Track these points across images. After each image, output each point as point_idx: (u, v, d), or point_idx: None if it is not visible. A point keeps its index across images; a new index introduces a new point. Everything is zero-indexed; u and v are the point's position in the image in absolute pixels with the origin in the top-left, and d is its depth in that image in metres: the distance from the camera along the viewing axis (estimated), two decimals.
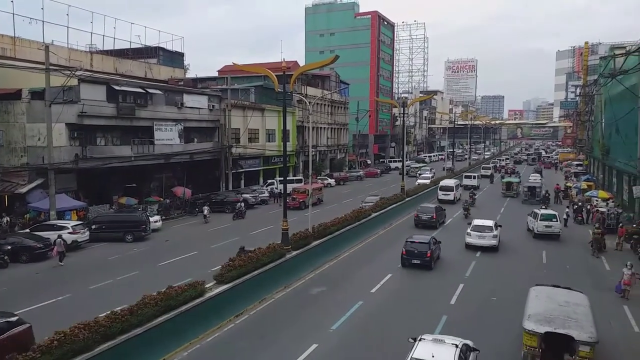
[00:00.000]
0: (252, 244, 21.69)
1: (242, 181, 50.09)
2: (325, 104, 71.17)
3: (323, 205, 43.31)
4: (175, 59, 60.42)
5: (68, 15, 45.44)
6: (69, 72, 29.21)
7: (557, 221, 29.55)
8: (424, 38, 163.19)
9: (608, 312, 17.15)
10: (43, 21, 42.57)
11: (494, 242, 26.60)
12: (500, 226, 28.74)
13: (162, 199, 39.56)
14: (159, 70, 55.75)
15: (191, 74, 63.86)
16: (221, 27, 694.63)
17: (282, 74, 22.09)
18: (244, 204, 38.64)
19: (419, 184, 49.67)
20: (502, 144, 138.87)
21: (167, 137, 40.00)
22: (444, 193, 44.03)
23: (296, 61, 71.13)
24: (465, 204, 37.97)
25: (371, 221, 31.29)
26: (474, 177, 53.63)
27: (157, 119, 38.90)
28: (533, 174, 59.37)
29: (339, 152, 77.67)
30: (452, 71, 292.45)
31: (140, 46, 54.61)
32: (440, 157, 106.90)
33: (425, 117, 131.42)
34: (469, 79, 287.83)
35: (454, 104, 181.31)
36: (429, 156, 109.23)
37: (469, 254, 26.11)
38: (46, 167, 29.80)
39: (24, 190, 31.32)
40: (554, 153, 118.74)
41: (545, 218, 29.72)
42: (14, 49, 40.59)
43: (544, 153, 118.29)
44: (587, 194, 40.20)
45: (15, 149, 32.88)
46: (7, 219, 30.08)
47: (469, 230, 27.45)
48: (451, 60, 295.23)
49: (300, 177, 55.43)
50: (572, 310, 13.08)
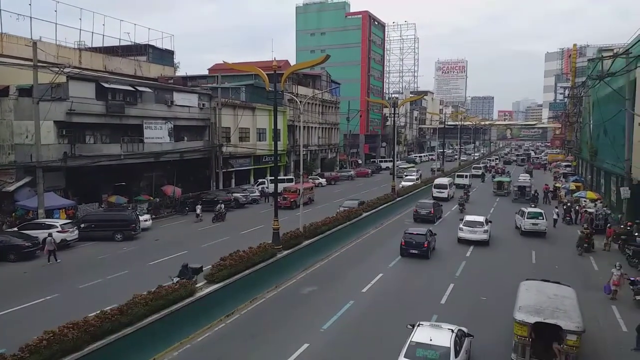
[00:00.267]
0: (243, 244, 21.57)
1: (233, 180, 49.93)
2: (316, 104, 71.17)
3: (314, 204, 43.31)
4: (165, 56, 59.89)
5: (56, 11, 44.90)
6: (58, 69, 28.89)
7: (543, 219, 30.55)
8: (414, 38, 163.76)
9: (596, 312, 17.33)
10: (31, 17, 41.95)
11: (484, 236, 27.94)
12: (491, 222, 30.05)
13: (152, 198, 39.31)
14: (148, 68, 55.24)
15: (181, 72, 63.43)
16: (209, 26, 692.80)
17: (273, 72, 22.04)
18: (223, 205, 37.07)
19: (403, 186, 47.95)
20: (491, 144, 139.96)
21: (157, 136, 39.71)
22: (438, 190, 46.18)
23: (287, 60, 71.02)
24: (461, 200, 41.30)
25: (362, 221, 31.34)
26: (465, 177, 55.32)
27: (146, 117, 38.62)
28: (523, 174, 60.49)
29: (330, 151, 77.72)
30: (443, 72, 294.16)
31: (130, 44, 54.01)
32: (431, 157, 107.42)
33: (416, 117, 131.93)
34: (459, 79, 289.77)
35: (444, 104, 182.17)
36: (420, 156, 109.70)
37: (462, 249, 27.04)
38: (34, 165, 29.49)
39: (12, 188, 30.96)
40: (543, 154, 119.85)
41: (532, 216, 30.79)
42: (1, 45, 39.97)
43: (533, 154, 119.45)
44: (576, 194, 40.59)
45: (3, 147, 32.49)
46: None
47: (461, 226, 28.76)
48: (441, 61, 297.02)
49: (291, 176, 55.34)
50: (560, 302, 13.65)
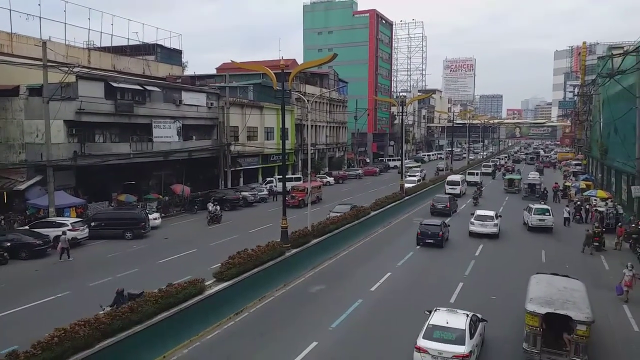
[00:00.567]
0: (251, 242, 21.63)
1: (241, 179, 50.04)
2: (323, 102, 71.11)
3: (322, 203, 43.31)
4: (173, 56, 60.14)
5: (65, 11, 45.21)
6: (67, 69, 29.05)
7: (549, 215, 31.32)
8: (422, 37, 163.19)
9: (607, 311, 17.20)
10: (40, 17, 42.25)
11: (495, 230, 29.46)
12: (501, 216, 31.52)
13: (161, 197, 39.53)
14: (157, 68, 55.50)
15: (189, 72, 63.69)
16: (209, 26, 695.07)
17: (280, 71, 22.04)
18: (219, 207, 35.57)
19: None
20: (500, 143, 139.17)
21: (166, 135, 39.90)
22: (451, 187, 47.17)
23: (294, 59, 71.01)
24: (475, 194, 43.75)
25: (370, 220, 31.30)
26: (476, 174, 57.45)
27: (155, 116, 38.82)
28: (532, 172, 61.20)
29: (337, 150, 77.65)
30: (451, 70, 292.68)
31: (138, 43, 54.29)
32: (439, 155, 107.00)
33: (424, 116, 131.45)
34: (467, 78, 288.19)
35: (452, 103, 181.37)
36: (428, 155, 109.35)
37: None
38: (45, 164, 29.73)
39: (23, 187, 31.24)
40: (552, 152, 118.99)
41: (538, 212, 31.68)
42: (11, 45, 40.33)
43: (542, 152, 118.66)
44: (586, 193, 40.29)
45: (14, 146, 32.79)
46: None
47: (472, 220, 30.19)
48: (449, 59, 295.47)
49: (299, 175, 55.37)
50: (570, 294, 13.99)
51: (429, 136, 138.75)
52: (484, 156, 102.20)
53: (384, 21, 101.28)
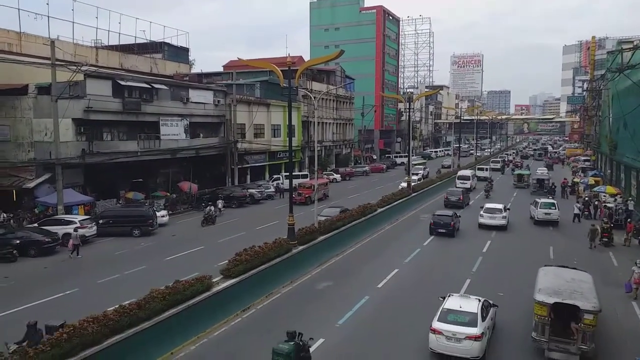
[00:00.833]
0: (258, 239, 21.67)
1: (248, 176, 50.14)
2: (330, 99, 71.03)
3: (329, 200, 43.29)
4: (181, 54, 60.36)
5: (73, 10, 45.59)
6: (75, 68, 29.20)
7: (555, 209, 32.20)
8: (429, 33, 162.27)
9: (616, 308, 17.10)
10: (48, 16, 42.64)
11: (503, 222, 30.60)
12: (509, 209, 32.81)
13: (168, 194, 39.70)
14: (164, 66, 55.73)
15: (196, 70, 63.92)
16: (219, 23, 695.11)
17: (287, 69, 22.02)
18: (213, 208, 34.09)
19: (402, 187, 41.54)
20: (508, 139, 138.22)
21: (173, 132, 40.08)
22: (461, 182, 48.13)
23: (301, 56, 70.96)
24: (487, 187, 46.08)
25: (377, 217, 31.24)
26: (485, 169, 59.23)
27: (162, 114, 38.99)
28: (541, 168, 61.25)
29: (344, 147, 77.56)
30: (458, 66, 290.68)
31: (146, 41, 54.53)
32: (447, 152, 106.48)
33: (431, 112, 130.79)
34: (475, 73, 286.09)
35: (459, 99, 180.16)
36: (435, 151, 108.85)
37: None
38: (53, 162, 29.93)
39: (32, 185, 31.50)
40: (560, 148, 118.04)
41: (544, 206, 32.55)
42: (19, 44, 40.68)
43: (550, 148, 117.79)
44: (595, 189, 39.94)
45: (23, 144, 33.05)
46: (4, 215, 30.04)
47: (481, 212, 31.36)
48: (457, 55, 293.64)
49: (306, 172, 55.41)
50: (577, 285, 14.37)
51: (436, 133, 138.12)
52: (491, 152, 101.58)
53: (391, 17, 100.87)
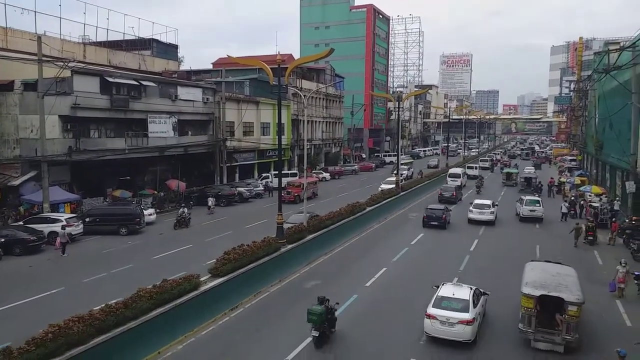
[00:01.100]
0: (247, 238, 21.60)
1: (237, 174, 49.97)
2: (320, 98, 71.00)
3: (318, 199, 43.31)
4: (169, 51, 59.92)
5: (60, 5, 45.43)
6: (62, 64, 28.87)
7: (539, 206, 33.22)
8: (419, 32, 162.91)
9: (601, 307, 17.30)
10: (35, 11, 42.18)
11: (491, 217, 32.06)
12: (497, 205, 34.23)
13: (156, 192, 39.41)
14: (152, 62, 55.29)
15: (185, 67, 63.52)
16: (210, 20, 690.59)
17: (277, 66, 21.96)
18: (187, 210, 32.63)
19: (382, 190, 40.53)
20: (496, 138, 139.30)
21: (161, 130, 39.78)
22: (452, 179, 49.12)
23: (291, 54, 70.81)
24: (478, 183, 48.22)
25: (366, 215, 31.33)
26: (475, 168, 61.24)
27: (151, 111, 38.65)
28: (528, 167, 62.75)
29: (334, 146, 77.60)
30: (447, 65, 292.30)
31: (134, 38, 54.08)
32: (435, 151, 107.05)
33: (420, 111, 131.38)
34: (463, 73, 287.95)
35: (448, 98, 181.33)
36: (424, 150, 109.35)
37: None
38: (39, 160, 29.56)
39: (17, 182, 31.07)
40: (547, 148, 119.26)
41: (530, 203, 33.62)
42: (5, 39, 40.07)
43: (537, 148, 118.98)
44: (581, 189, 40.39)
45: (8, 141, 32.60)
46: None
47: (471, 208, 32.84)
48: (446, 54, 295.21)
49: (295, 170, 55.35)
50: (562, 279, 14.99)
51: (425, 132, 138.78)
52: (479, 152, 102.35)
53: (381, 16, 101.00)
